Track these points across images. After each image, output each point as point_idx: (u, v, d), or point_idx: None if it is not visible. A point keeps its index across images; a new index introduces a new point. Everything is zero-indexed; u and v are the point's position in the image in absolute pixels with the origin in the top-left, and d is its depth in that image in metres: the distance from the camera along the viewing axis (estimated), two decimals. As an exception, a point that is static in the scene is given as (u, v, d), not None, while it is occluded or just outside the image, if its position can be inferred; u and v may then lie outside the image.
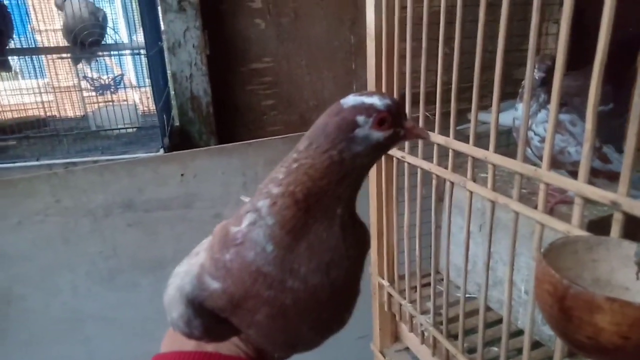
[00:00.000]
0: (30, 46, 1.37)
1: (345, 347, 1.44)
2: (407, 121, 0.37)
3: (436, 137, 0.67)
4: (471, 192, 0.63)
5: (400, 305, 0.88)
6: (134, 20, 1.48)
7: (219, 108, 1.39)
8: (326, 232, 0.36)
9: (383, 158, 0.83)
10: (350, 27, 1.45)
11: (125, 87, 1.38)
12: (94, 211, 1.05)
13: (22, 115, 1.30)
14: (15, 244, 1.01)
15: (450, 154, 0.65)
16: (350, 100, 0.36)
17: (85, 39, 1.11)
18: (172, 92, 1.35)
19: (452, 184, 0.67)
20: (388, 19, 0.74)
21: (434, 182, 0.71)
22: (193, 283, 0.37)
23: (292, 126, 1.57)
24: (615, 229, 0.44)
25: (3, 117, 1.31)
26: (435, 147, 0.68)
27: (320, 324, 0.39)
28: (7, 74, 1.42)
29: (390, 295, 0.91)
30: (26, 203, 1.00)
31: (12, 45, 1.27)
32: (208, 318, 0.37)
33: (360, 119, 0.35)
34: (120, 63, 1.61)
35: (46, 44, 1.44)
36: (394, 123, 0.36)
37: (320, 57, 1.49)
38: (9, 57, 1.27)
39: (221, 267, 0.35)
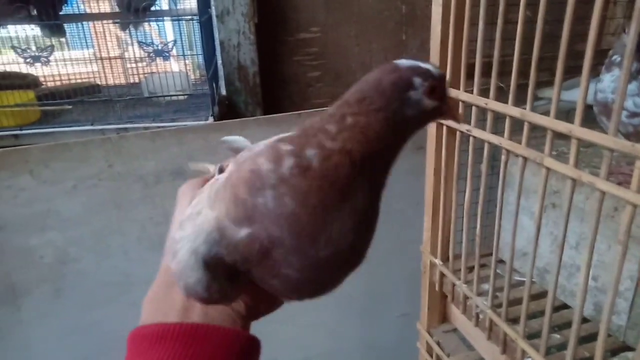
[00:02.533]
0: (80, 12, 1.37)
1: (387, 324, 1.44)
2: (447, 98, 0.36)
3: (510, 109, 0.62)
4: (548, 170, 0.59)
5: (454, 285, 0.85)
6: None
7: (265, 78, 1.37)
8: (369, 199, 0.34)
9: (445, 131, 0.80)
10: (401, -4, 1.39)
11: (171, 56, 1.38)
12: (145, 177, 1.06)
13: (75, 82, 1.31)
14: (71, 208, 1.03)
15: (526, 127, 0.61)
16: (406, 61, 0.34)
17: (138, 4, 1.10)
18: (219, 62, 1.34)
19: (525, 160, 0.62)
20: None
21: (502, 157, 0.67)
22: (209, 240, 0.33)
23: (337, 99, 1.53)
24: None
25: (55, 84, 1.33)
26: (508, 119, 0.64)
27: (346, 272, 0.36)
28: (56, 43, 1.43)
29: (442, 275, 0.89)
30: (81, 167, 1.01)
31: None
32: (228, 277, 0.34)
33: (417, 80, 0.33)
34: (161, 32, 1.61)
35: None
36: (441, 96, 0.34)
37: (370, 27, 1.44)
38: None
39: (251, 209, 0.32)
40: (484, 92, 0.69)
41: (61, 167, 1.00)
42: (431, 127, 0.83)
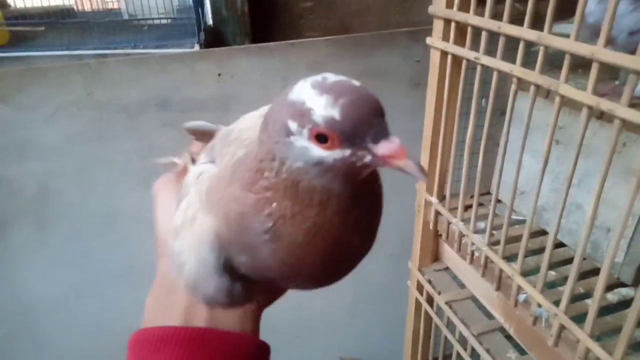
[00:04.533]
0: None
1: (377, 264, 1.44)
2: (382, 142, 0.24)
3: (527, 32, 0.58)
4: (562, 98, 0.55)
5: (449, 224, 0.83)
6: None
7: (254, 8, 1.27)
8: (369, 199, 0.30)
9: (449, 61, 0.75)
10: None
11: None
12: (128, 107, 1.00)
13: (48, 4, 1.21)
14: (50, 136, 0.97)
15: (541, 51, 0.56)
16: (298, 91, 0.25)
17: None
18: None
19: (537, 88, 0.58)
20: None
21: (512, 87, 0.63)
22: (214, 248, 0.31)
23: (331, 32, 1.45)
24: None
25: (26, 6, 1.22)
26: (522, 43, 0.59)
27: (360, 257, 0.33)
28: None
29: (438, 213, 0.87)
30: (58, 94, 0.95)
31: None
32: (245, 277, 0.32)
33: (293, 125, 0.25)
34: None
35: None
36: (349, 143, 0.24)
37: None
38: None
39: (265, 204, 0.28)
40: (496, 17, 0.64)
41: (37, 93, 0.93)
42: (434, 56, 0.77)
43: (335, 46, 1.14)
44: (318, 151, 0.25)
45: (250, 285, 0.33)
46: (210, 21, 1.23)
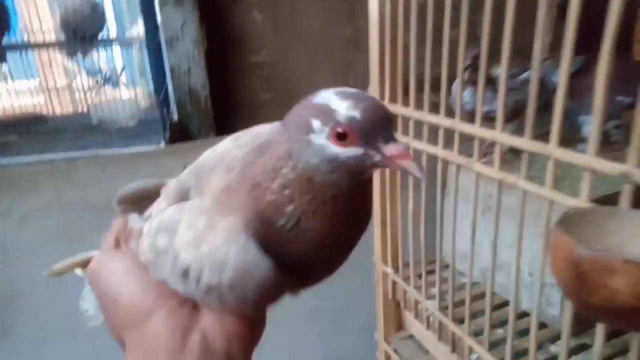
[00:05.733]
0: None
1: (349, 337, 1.45)
2: (391, 144, 0.29)
3: (442, 120, 0.68)
4: (478, 174, 0.64)
5: (405, 292, 0.89)
6: (125, 14, 1.47)
7: (217, 102, 1.39)
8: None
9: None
10: (347, 20, 1.46)
11: (120, 84, 1.38)
12: (97, 205, 1.05)
13: (20, 113, 1.29)
14: (19, 240, 1.00)
15: (456, 136, 0.66)
16: (322, 96, 0.30)
17: (86, 32, 1.11)
18: (170, 87, 1.35)
19: (459, 167, 0.68)
20: (392, 5, 0.75)
21: (439, 167, 0.72)
22: (250, 232, 0.30)
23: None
24: (625, 200, 0.45)
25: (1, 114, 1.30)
26: (442, 130, 0.69)
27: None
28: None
29: (394, 283, 0.92)
30: (29, 198, 0.99)
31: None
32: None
33: (316, 123, 0.29)
34: (109, 60, 1.60)
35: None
36: (364, 142, 0.29)
37: (318, 50, 1.50)
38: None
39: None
40: (421, 107, 0.74)
41: (8, 199, 0.98)
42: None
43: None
44: (334, 148, 0.29)
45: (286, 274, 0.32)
46: (176, 117, 1.33)
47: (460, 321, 0.76)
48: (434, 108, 0.70)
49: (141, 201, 0.40)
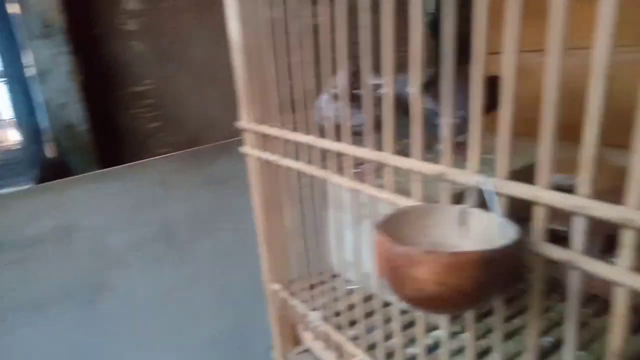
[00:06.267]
0: None
1: (254, 357, 1.44)
2: None
3: (303, 137, 0.71)
4: (336, 186, 0.68)
5: (294, 306, 0.90)
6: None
7: (99, 135, 1.33)
8: None
9: (260, 163, 0.86)
10: (228, 46, 1.48)
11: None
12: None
13: None
14: None
15: (318, 151, 0.70)
16: None
17: None
18: (43, 123, 1.27)
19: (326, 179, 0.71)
20: (251, 29, 0.78)
21: (308, 181, 0.75)
22: None
23: (181, 147, 1.55)
24: (444, 196, 0.51)
25: None
26: (306, 146, 0.72)
27: None
28: None
29: (284, 300, 0.93)
30: None
31: None
32: None
33: None
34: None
35: None
36: None
37: (205, 76, 1.50)
38: None
39: None
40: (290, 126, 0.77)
41: None
42: (250, 161, 0.89)
43: (177, 162, 1.23)
44: None
45: None
46: (52, 153, 1.25)
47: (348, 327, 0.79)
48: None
49: None
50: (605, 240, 0.87)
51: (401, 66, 0.56)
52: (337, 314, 0.80)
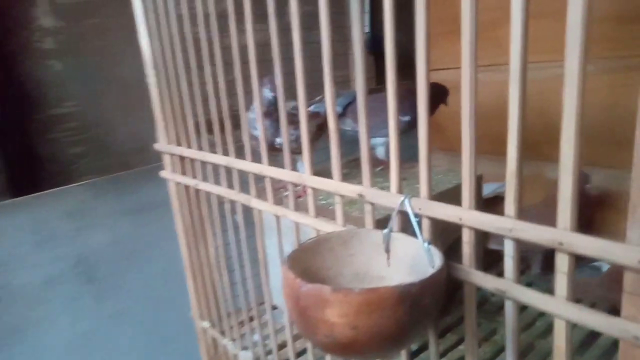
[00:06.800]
0: None
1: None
2: None
3: (219, 158, 0.64)
4: (259, 210, 0.61)
5: (224, 346, 0.82)
6: None
7: (15, 162, 1.21)
8: None
9: (179, 188, 0.78)
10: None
11: None
12: None
13: None
14: None
15: (234, 172, 0.63)
16: None
17: None
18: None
19: (233, 202, 0.64)
20: (163, 44, 0.71)
21: (226, 206, 0.68)
22: None
23: (109, 172, 1.44)
24: (368, 219, 0.45)
25: None
26: (223, 169, 0.65)
27: None
28: None
29: (215, 338, 0.85)
30: None
31: None
32: None
33: None
34: None
35: None
36: None
37: (135, 96, 1.40)
38: None
39: None
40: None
41: None
42: (170, 186, 0.81)
43: (94, 189, 1.12)
44: None
45: None
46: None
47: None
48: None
49: None
50: (545, 258, 0.85)
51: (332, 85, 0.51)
52: (269, 352, 0.72)
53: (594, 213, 0.87)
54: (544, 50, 0.60)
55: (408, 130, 0.88)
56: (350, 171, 0.74)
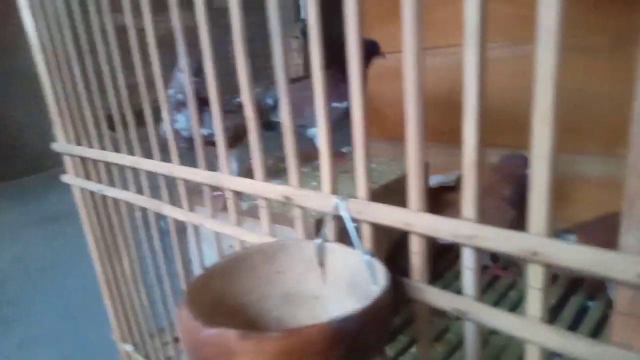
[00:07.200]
0: None
1: None
2: None
3: (124, 157, 0.54)
4: (174, 218, 0.51)
5: (151, 370, 0.72)
6: None
7: None
8: None
9: (83, 193, 0.67)
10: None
11: None
12: None
13: None
14: None
15: (142, 173, 0.53)
16: None
17: None
18: None
19: (145, 210, 0.54)
20: (48, 23, 0.59)
21: (137, 214, 0.57)
22: None
23: (18, 177, 1.28)
24: (298, 227, 0.37)
25: None
26: (131, 171, 0.55)
27: None
28: None
29: (140, 361, 0.74)
30: None
31: None
32: None
33: None
34: None
35: None
36: None
37: (42, 95, 1.25)
38: None
39: None
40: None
41: None
42: (75, 192, 0.69)
43: (0, 197, 0.97)
44: None
45: None
46: None
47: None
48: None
49: None
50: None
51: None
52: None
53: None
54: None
55: (346, 118, 0.81)
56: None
